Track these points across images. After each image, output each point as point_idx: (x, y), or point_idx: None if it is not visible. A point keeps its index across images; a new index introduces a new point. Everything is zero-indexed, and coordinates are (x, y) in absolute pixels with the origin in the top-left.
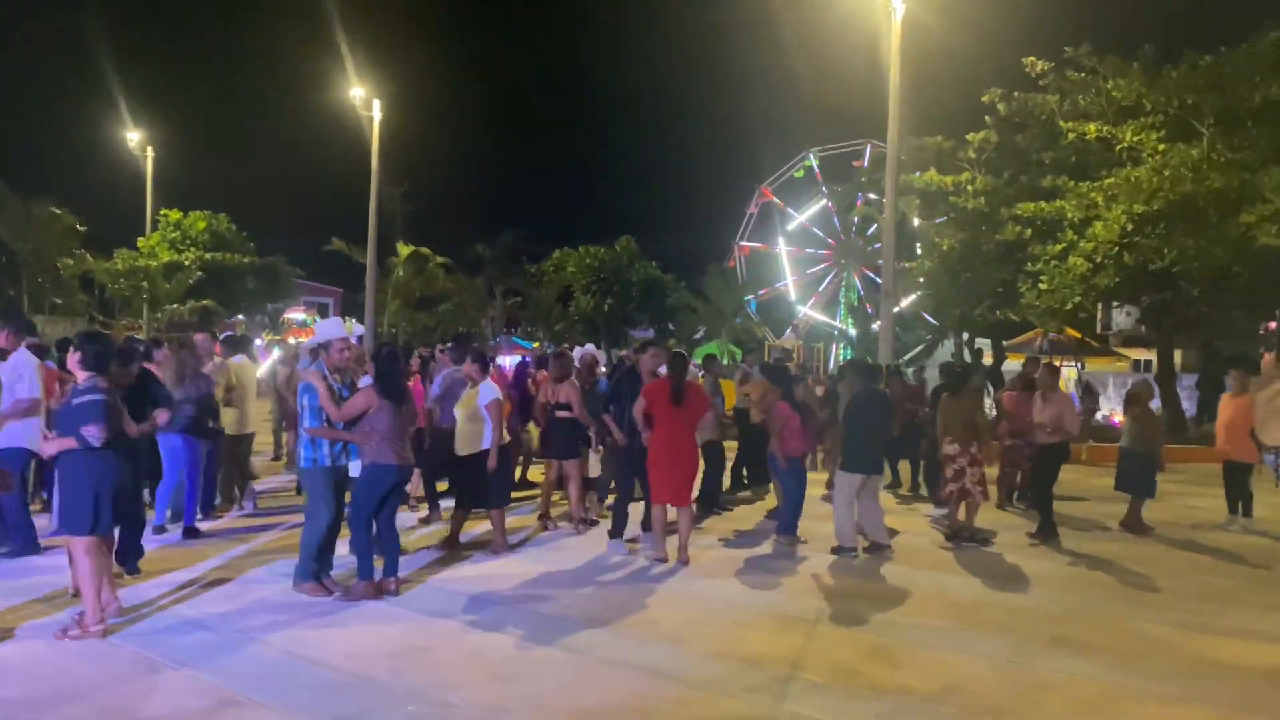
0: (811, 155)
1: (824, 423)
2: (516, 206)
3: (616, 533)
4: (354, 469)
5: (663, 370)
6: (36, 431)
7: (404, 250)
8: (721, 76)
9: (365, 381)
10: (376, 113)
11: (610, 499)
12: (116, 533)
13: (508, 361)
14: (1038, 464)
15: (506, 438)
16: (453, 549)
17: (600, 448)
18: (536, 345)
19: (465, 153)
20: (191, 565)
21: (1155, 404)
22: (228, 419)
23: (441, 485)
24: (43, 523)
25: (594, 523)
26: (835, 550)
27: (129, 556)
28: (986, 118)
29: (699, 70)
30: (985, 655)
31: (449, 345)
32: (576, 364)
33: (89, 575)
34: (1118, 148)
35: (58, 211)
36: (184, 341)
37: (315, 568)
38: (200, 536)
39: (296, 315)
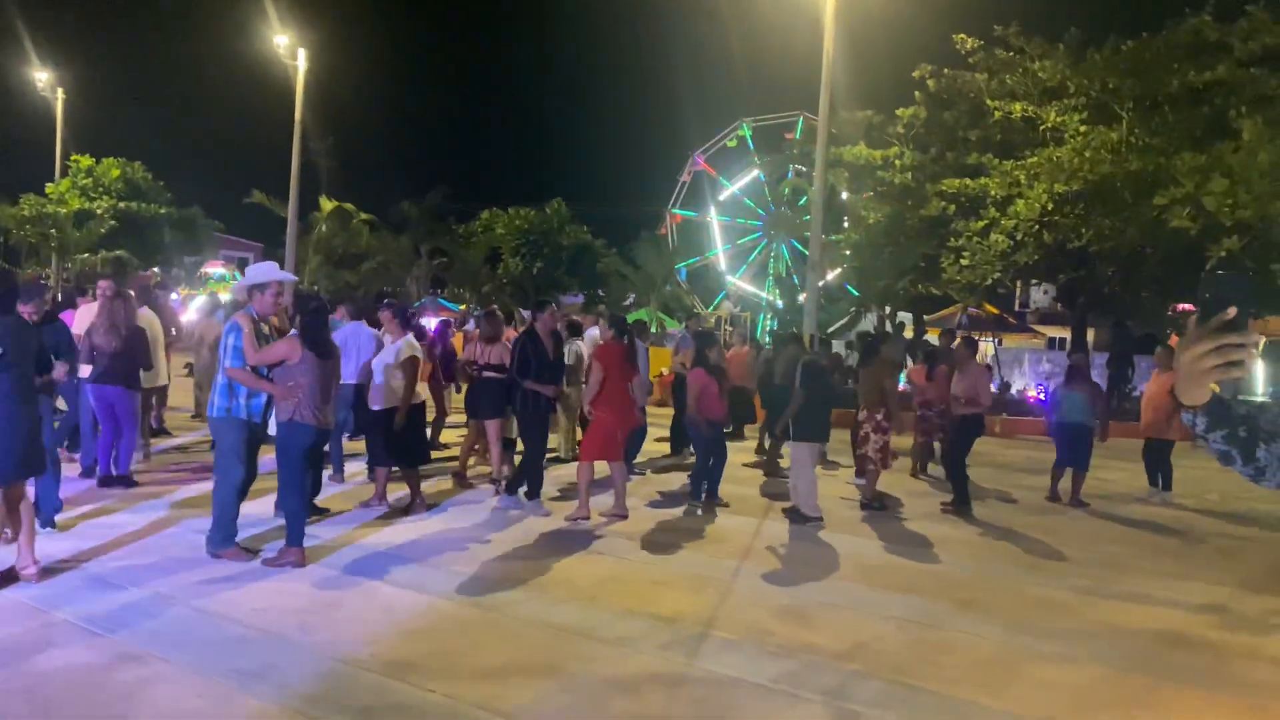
0: (745, 125)
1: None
2: (445, 166)
3: (534, 494)
4: (271, 427)
5: (592, 333)
6: None
7: (327, 205)
8: (657, 43)
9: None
10: (301, 62)
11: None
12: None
13: (432, 323)
14: (953, 436)
15: (421, 396)
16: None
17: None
18: (464, 307)
19: (394, 109)
20: (100, 518)
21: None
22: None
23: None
24: None
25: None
26: (793, 516)
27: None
28: (917, 93)
29: (635, 35)
30: (893, 616)
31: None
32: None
33: None
34: (1041, 128)
35: None
36: (118, 291)
37: (234, 530)
38: (116, 487)
39: (215, 269)
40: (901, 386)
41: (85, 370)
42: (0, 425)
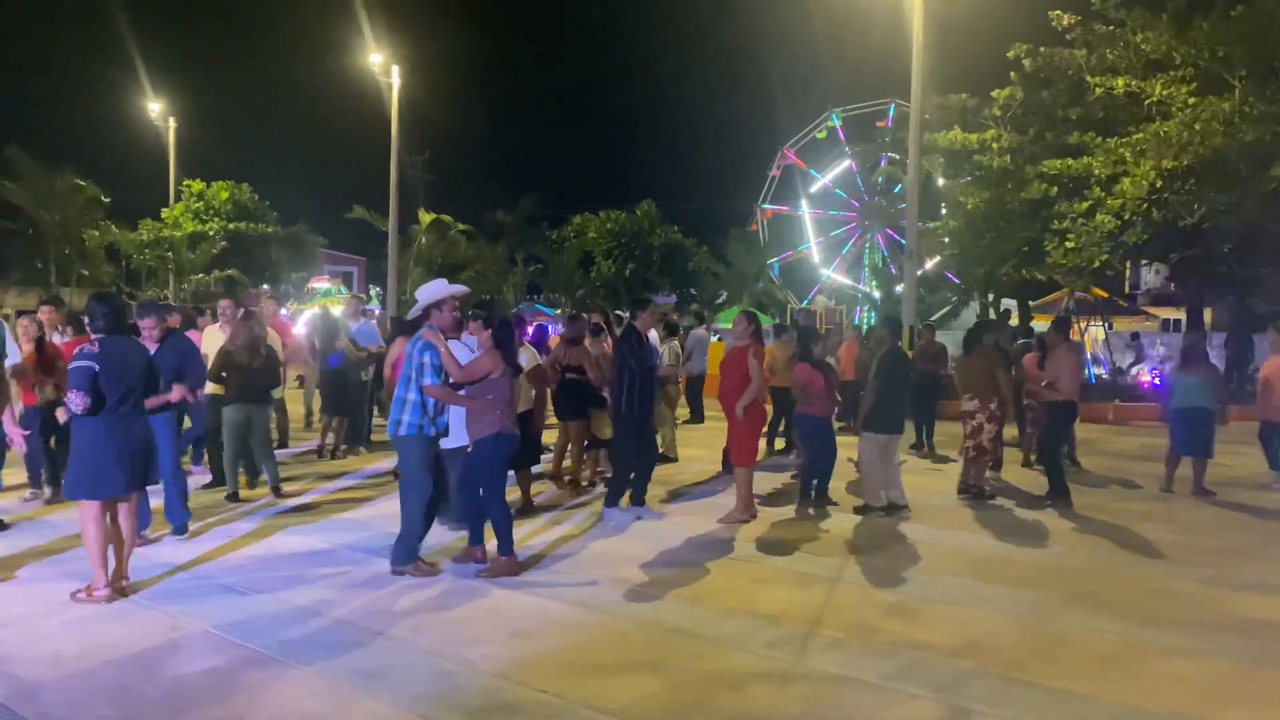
0: (834, 115)
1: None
2: (538, 173)
3: (639, 499)
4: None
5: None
6: None
7: (425, 218)
8: (743, 37)
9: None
10: (395, 79)
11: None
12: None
13: (530, 329)
14: (1044, 424)
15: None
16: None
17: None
18: (559, 311)
19: (486, 119)
20: (224, 527)
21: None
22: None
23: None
24: None
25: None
26: (861, 509)
27: (169, 520)
28: (1012, 74)
29: (720, 32)
30: (1005, 611)
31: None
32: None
33: (88, 541)
34: (1146, 102)
35: (81, 183)
36: (248, 310)
37: (417, 547)
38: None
39: (321, 284)
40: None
41: (210, 387)
42: (98, 441)
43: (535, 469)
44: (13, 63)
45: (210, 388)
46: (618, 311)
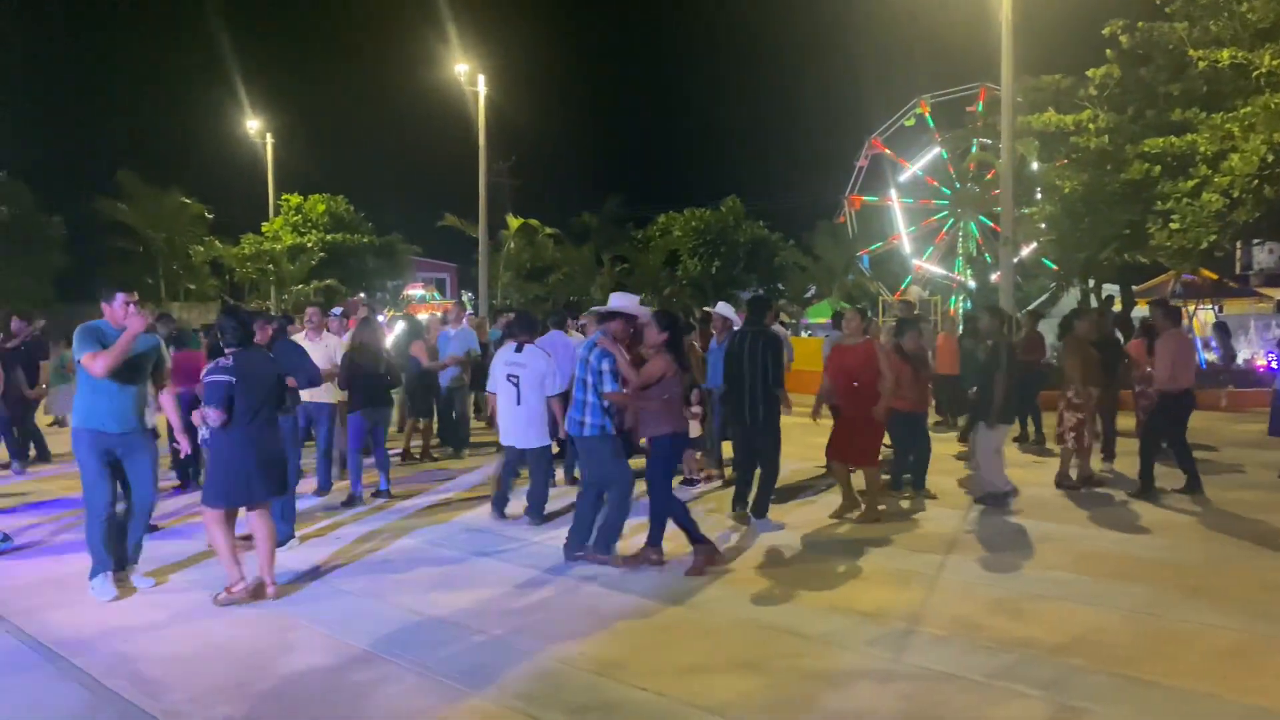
0: (922, 102)
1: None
2: (622, 173)
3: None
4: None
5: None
6: None
7: (514, 223)
8: (825, 27)
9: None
10: (481, 88)
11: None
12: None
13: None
14: (1151, 414)
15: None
16: None
17: (698, 409)
18: (592, 309)
19: (570, 122)
20: (333, 532)
21: None
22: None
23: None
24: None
25: (694, 481)
26: (984, 499)
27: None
28: (1108, 51)
29: (801, 23)
30: (1115, 607)
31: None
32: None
33: (217, 545)
34: (1254, 74)
35: (187, 201)
36: (365, 317)
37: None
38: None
39: (415, 291)
40: None
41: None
42: (234, 452)
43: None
44: (120, 91)
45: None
46: (705, 309)
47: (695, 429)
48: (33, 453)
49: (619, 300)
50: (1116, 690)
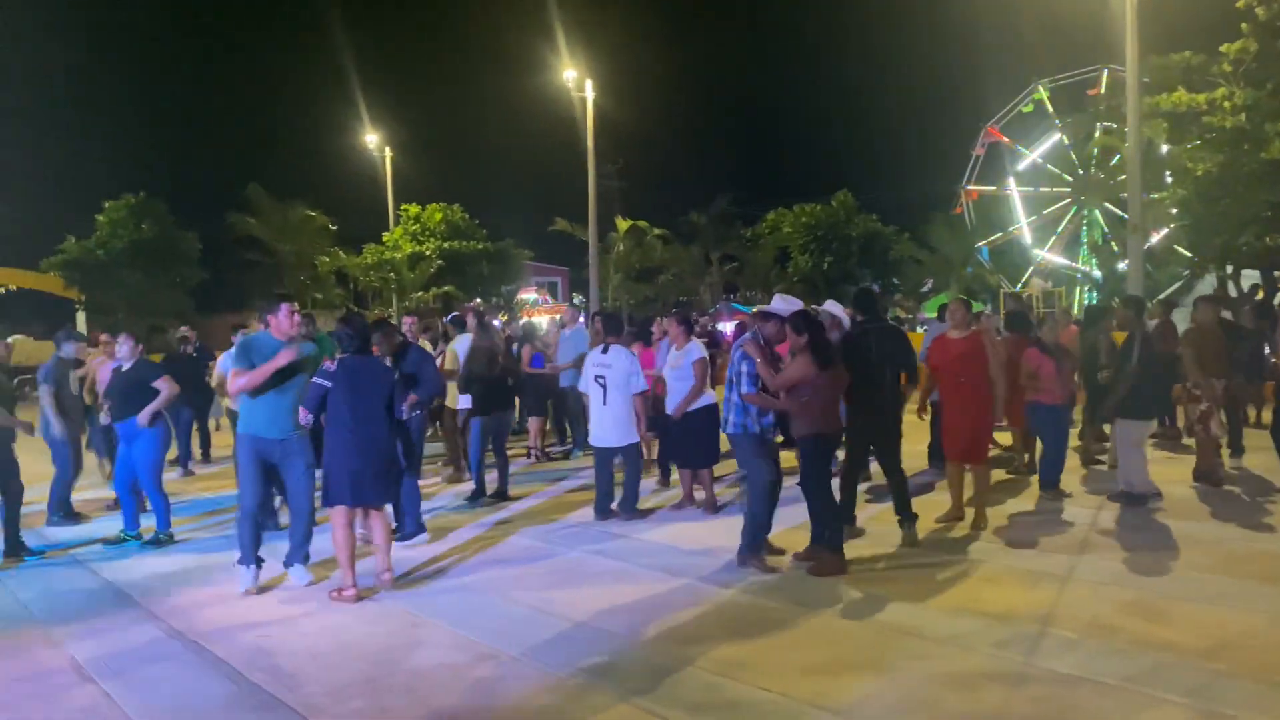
0: (1040, 87)
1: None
2: (730, 171)
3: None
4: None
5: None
6: None
7: (622, 225)
8: (936, 13)
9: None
10: (589, 93)
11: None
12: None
13: (728, 327)
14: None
15: (714, 398)
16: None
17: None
18: (756, 310)
19: (676, 121)
20: (457, 530)
21: None
22: (452, 396)
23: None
24: None
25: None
26: (1118, 498)
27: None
28: (1243, 25)
29: (910, 9)
30: (1259, 609)
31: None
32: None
33: (336, 545)
34: None
35: (312, 214)
36: (483, 323)
37: (763, 538)
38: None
39: (528, 295)
40: None
41: (465, 400)
42: (345, 454)
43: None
44: (248, 110)
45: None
46: (814, 306)
47: None
48: (197, 454)
49: (779, 303)
50: (1267, 697)
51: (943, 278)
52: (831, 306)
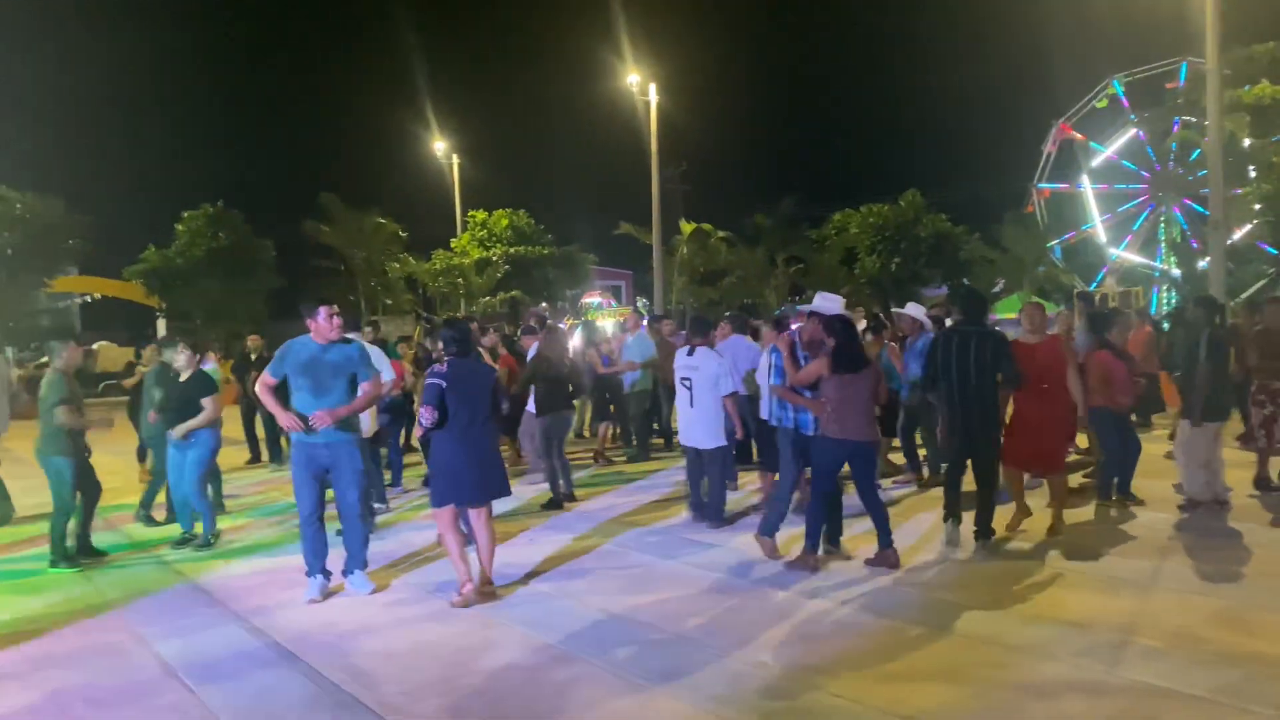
0: (1115, 82)
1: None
2: (795, 172)
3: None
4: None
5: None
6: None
7: (686, 228)
8: (1005, 7)
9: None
10: (652, 97)
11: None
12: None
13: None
14: None
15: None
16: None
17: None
18: (799, 309)
19: (740, 123)
20: (528, 533)
21: None
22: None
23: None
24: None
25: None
26: (1186, 506)
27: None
28: None
29: (979, 4)
30: None
31: (729, 315)
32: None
33: (447, 545)
34: None
35: (383, 221)
36: (551, 326)
37: (778, 524)
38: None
39: (592, 299)
40: None
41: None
42: (453, 455)
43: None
44: (320, 119)
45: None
46: (880, 310)
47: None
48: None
49: (820, 301)
50: None
51: (1014, 278)
52: (912, 309)
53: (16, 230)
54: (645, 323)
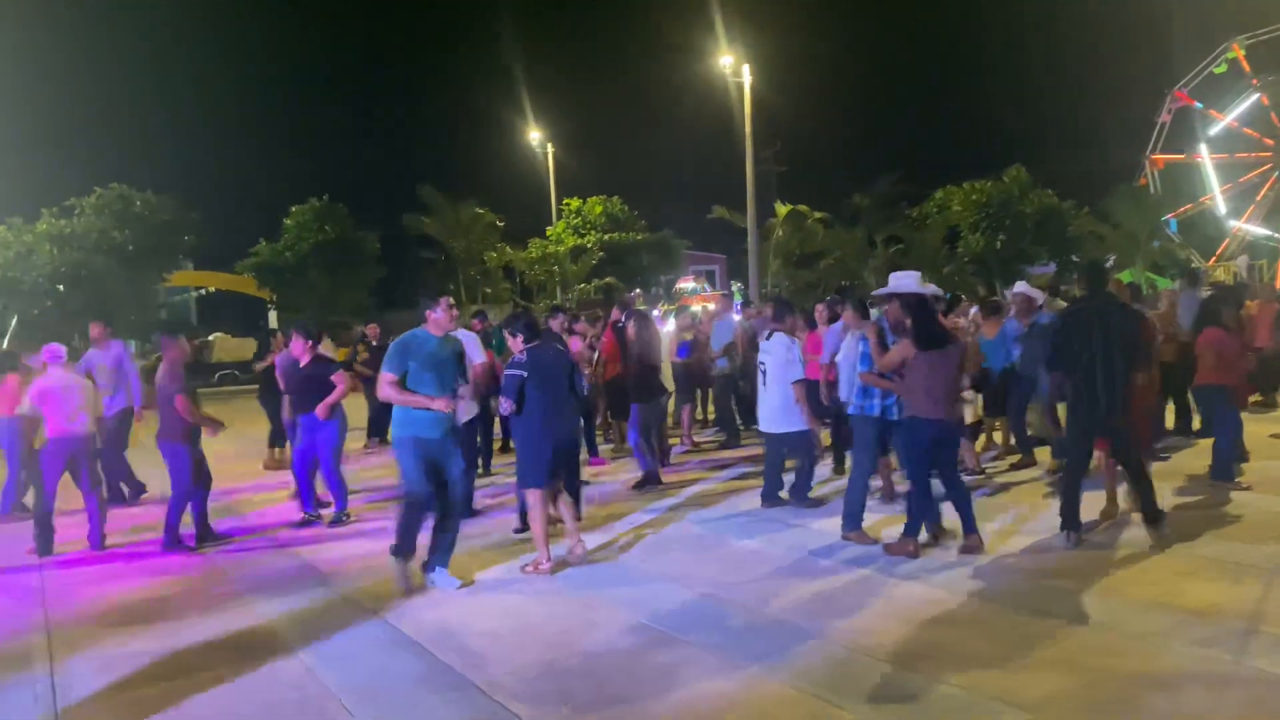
0: (1236, 45)
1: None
2: (893, 150)
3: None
4: None
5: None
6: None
7: (781, 210)
8: None
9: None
10: (746, 78)
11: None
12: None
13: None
14: None
15: None
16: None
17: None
18: (875, 292)
19: (835, 101)
20: (626, 516)
21: None
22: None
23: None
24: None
25: (970, 472)
26: None
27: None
28: None
29: None
30: None
31: (829, 299)
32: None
33: (533, 522)
34: None
35: (481, 211)
36: (641, 313)
37: (860, 514)
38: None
39: (686, 284)
40: None
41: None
42: (539, 438)
43: None
44: (419, 114)
45: None
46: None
47: (968, 415)
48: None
49: (897, 280)
50: None
51: (1127, 254)
52: (1023, 288)
53: (136, 227)
54: (738, 307)
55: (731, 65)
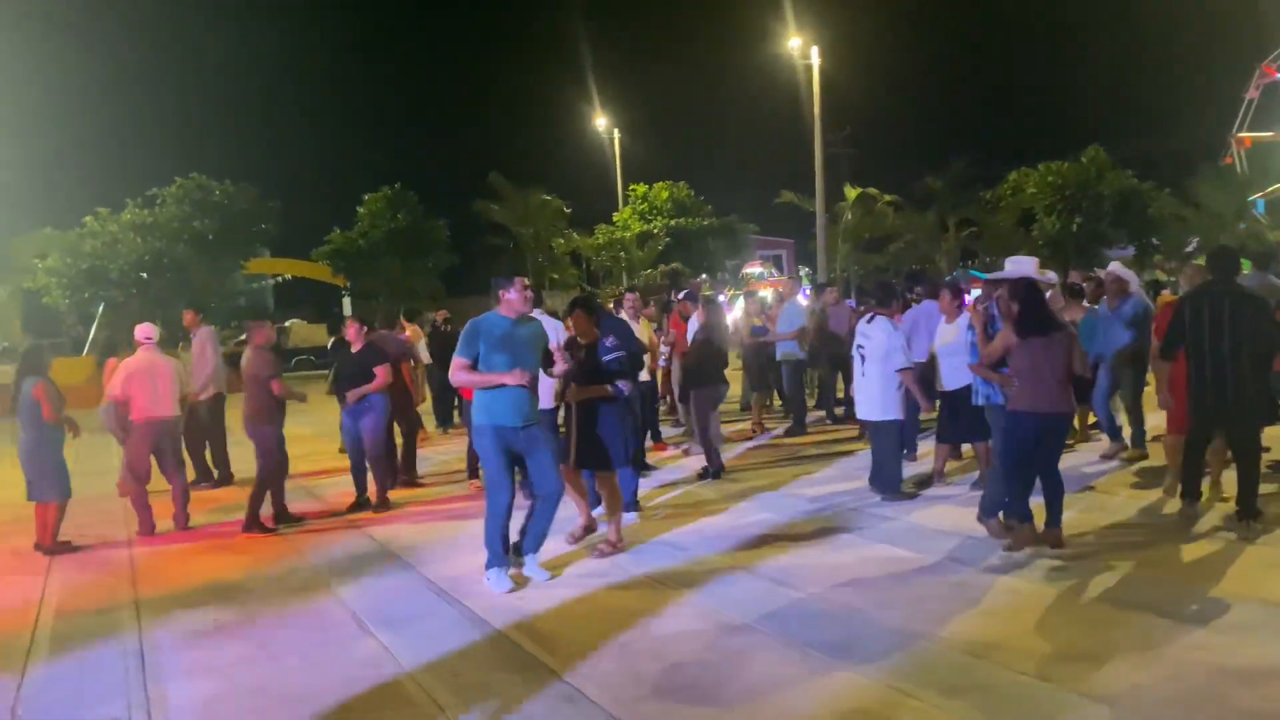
0: None
1: None
2: (967, 132)
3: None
4: None
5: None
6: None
7: (851, 193)
8: None
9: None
10: (815, 60)
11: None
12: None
13: (969, 296)
14: None
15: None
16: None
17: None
18: (989, 277)
19: (907, 83)
20: (691, 504)
21: None
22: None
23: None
24: None
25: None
26: None
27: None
28: None
29: None
30: None
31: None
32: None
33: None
34: None
35: (548, 198)
36: (707, 299)
37: (1000, 503)
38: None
39: (753, 269)
40: None
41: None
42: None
43: None
44: (488, 101)
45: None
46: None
47: None
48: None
49: (1011, 266)
50: None
51: (1210, 236)
52: (1116, 268)
53: (215, 216)
54: (805, 291)
55: (800, 47)
